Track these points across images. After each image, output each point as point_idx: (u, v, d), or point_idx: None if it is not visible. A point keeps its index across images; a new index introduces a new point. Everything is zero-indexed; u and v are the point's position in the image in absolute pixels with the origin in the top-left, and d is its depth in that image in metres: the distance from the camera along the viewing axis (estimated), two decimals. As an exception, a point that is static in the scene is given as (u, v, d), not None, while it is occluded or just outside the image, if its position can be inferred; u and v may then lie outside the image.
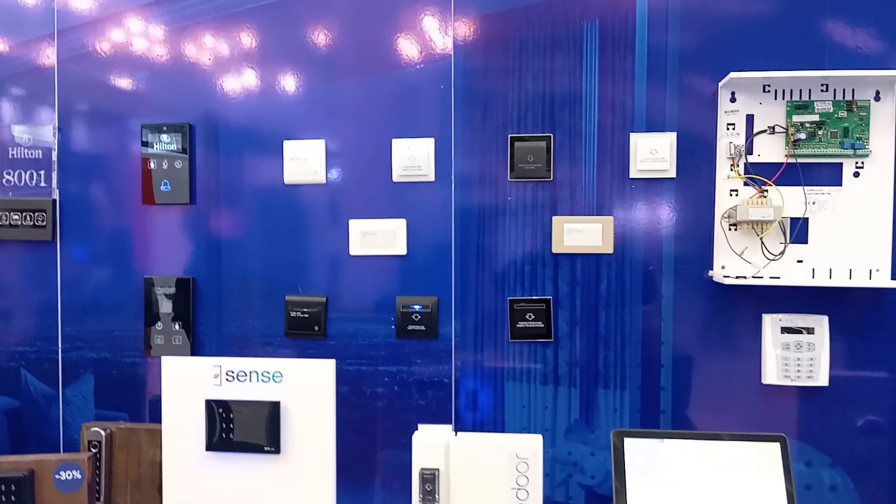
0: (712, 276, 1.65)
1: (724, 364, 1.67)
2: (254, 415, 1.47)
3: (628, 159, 1.69)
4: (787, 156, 1.62)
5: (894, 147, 1.60)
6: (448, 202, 1.75)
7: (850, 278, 1.61)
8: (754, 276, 1.61)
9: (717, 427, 1.59)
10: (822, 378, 1.62)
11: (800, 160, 1.62)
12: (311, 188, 1.79)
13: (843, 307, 1.63)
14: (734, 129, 1.64)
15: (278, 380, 1.48)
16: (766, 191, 1.61)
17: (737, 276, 1.60)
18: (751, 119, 1.64)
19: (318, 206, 1.80)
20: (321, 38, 1.79)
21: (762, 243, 1.62)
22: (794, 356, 1.62)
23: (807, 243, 1.62)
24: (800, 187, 1.61)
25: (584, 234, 1.70)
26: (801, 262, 1.63)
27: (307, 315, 1.78)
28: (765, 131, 1.64)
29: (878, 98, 1.60)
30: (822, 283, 1.59)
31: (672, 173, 1.68)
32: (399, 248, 1.76)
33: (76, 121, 1.86)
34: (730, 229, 1.64)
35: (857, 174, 1.62)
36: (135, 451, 1.68)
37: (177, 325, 1.82)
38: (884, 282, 1.59)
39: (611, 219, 1.70)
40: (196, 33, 1.83)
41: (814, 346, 1.62)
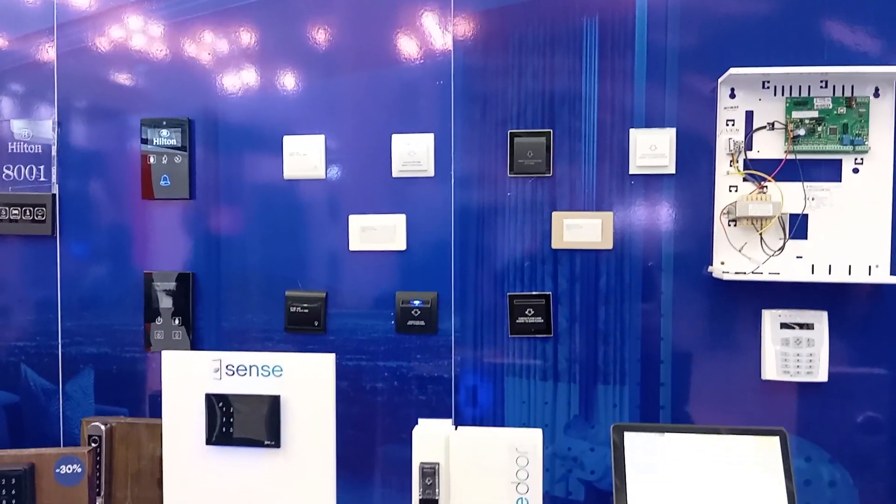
0: (712, 272, 1.65)
1: (723, 360, 1.68)
2: (254, 409, 1.47)
3: (628, 155, 1.69)
4: (786, 152, 1.63)
5: (893, 143, 1.60)
6: (448, 198, 1.75)
7: (850, 274, 1.61)
8: (754, 272, 1.61)
9: (716, 423, 1.59)
10: (822, 374, 1.62)
11: (799, 156, 1.62)
12: (311, 183, 1.79)
13: (843, 303, 1.64)
14: (734, 125, 1.65)
15: (278, 374, 1.48)
16: (766, 187, 1.62)
17: (736, 272, 1.61)
18: (750, 115, 1.64)
19: (317, 202, 1.80)
20: (321, 33, 1.79)
21: (762, 239, 1.62)
22: (794, 352, 1.63)
23: (806, 239, 1.63)
24: (799, 183, 1.61)
25: (583, 229, 1.70)
26: (800, 257, 1.63)
27: (307, 310, 1.78)
28: (764, 127, 1.64)
29: (877, 94, 1.61)
30: (821, 278, 1.59)
31: (671, 169, 1.68)
32: (399, 243, 1.76)
33: (76, 116, 1.86)
34: (729, 225, 1.65)
35: (856, 170, 1.62)
36: (135, 445, 1.68)
37: (176, 321, 1.82)
38: (883, 277, 1.59)
39: (610, 214, 1.70)
40: (196, 28, 1.83)
41: (813, 342, 1.63)
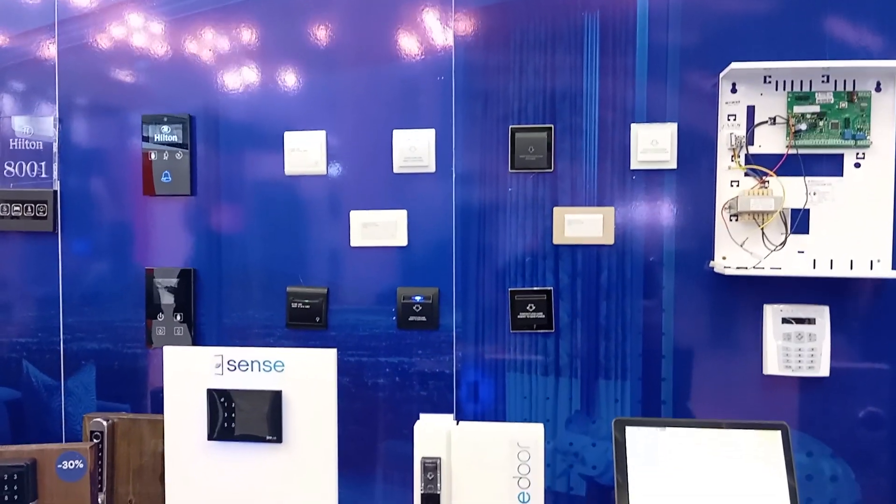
0: (713, 267, 1.65)
1: (725, 354, 1.68)
2: (255, 404, 1.47)
3: (629, 150, 1.69)
4: (787, 147, 1.62)
5: (895, 138, 1.60)
6: (449, 194, 1.75)
7: (851, 269, 1.61)
8: (755, 267, 1.61)
9: (718, 417, 1.59)
10: (823, 368, 1.62)
11: (801, 151, 1.62)
12: (312, 179, 1.79)
13: (844, 297, 1.63)
14: (735, 120, 1.64)
15: (280, 369, 1.48)
16: (767, 181, 1.61)
17: (738, 267, 1.61)
18: (752, 110, 1.64)
19: (318, 198, 1.80)
20: (321, 29, 1.79)
21: (763, 234, 1.62)
22: (795, 346, 1.63)
23: (808, 234, 1.63)
24: (801, 178, 1.61)
25: (584, 225, 1.70)
26: (802, 252, 1.63)
27: (308, 306, 1.78)
28: (766, 122, 1.64)
29: (878, 89, 1.60)
30: (823, 273, 1.59)
31: (673, 164, 1.68)
32: (400, 239, 1.76)
33: (76, 112, 1.86)
34: (731, 220, 1.64)
35: (857, 165, 1.62)
36: (137, 441, 1.68)
37: (178, 317, 1.82)
38: (885, 272, 1.59)
39: (611, 209, 1.70)
40: (197, 25, 1.82)
41: (815, 337, 1.62)
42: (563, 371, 1.73)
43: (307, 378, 1.48)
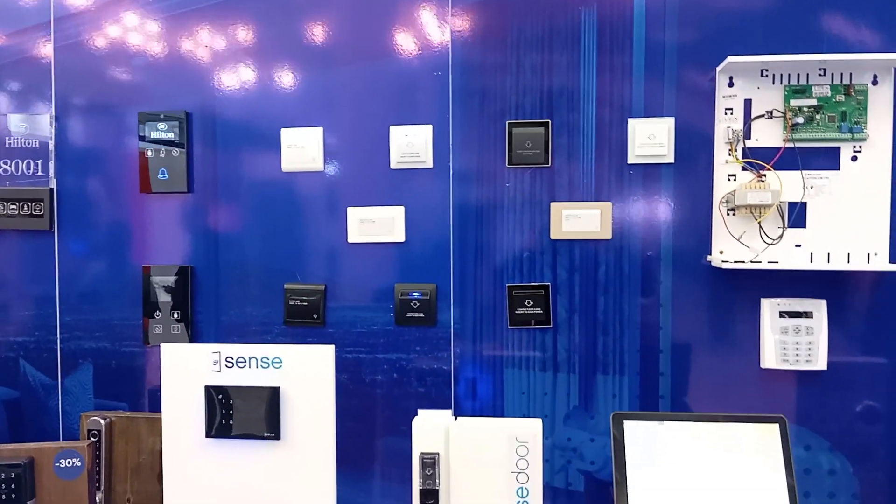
0: (711, 261, 1.65)
1: (722, 349, 1.68)
2: (253, 401, 1.47)
3: (626, 145, 1.69)
4: (785, 140, 1.62)
5: (892, 131, 1.60)
6: (446, 189, 1.75)
7: (849, 262, 1.61)
8: (752, 261, 1.61)
9: (715, 411, 1.59)
10: (821, 362, 1.62)
11: (798, 144, 1.62)
12: (309, 176, 1.79)
13: (842, 291, 1.64)
14: (732, 113, 1.64)
15: (278, 366, 1.48)
16: (765, 175, 1.61)
17: (735, 261, 1.61)
18: (749, 104, 1.64)
19: (316, 194, 1.79)
20: (318, 25, 1.78)
21: (760, 228, 1.62)
22: (793, 340, 1.63)
23: (805, 227, 1.63)
24: (798, 171, 1.61)
25: (582, 220, 1.70)
26: (799, 246, 1.63)
27: (306, 303, 1.78)
28: (763, 116, 1.64)
29: (875, 82, 1.60)
30: (820, 267, 1.59)
31: (670, 159, 1.68)
32: (397, 235, 1.76)
33: (73, 110, 1.86)
34: (728, 214, 1.64)
35: (854, 158, 1.62)
36: (134, 439, 1.68)
37: (175, 315, 1.82)
38: (882, 265, 1.59)
39: (609, 205, 1.70)
40: (192, 22, 1.82)
41: (812, 330, 1.63)
42: (561, 366, 1.73)
43: (305, 375, 1.48)
